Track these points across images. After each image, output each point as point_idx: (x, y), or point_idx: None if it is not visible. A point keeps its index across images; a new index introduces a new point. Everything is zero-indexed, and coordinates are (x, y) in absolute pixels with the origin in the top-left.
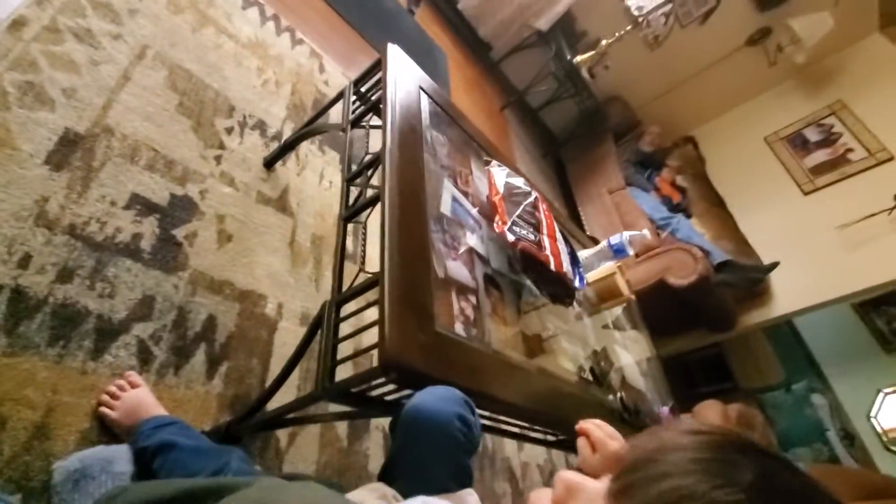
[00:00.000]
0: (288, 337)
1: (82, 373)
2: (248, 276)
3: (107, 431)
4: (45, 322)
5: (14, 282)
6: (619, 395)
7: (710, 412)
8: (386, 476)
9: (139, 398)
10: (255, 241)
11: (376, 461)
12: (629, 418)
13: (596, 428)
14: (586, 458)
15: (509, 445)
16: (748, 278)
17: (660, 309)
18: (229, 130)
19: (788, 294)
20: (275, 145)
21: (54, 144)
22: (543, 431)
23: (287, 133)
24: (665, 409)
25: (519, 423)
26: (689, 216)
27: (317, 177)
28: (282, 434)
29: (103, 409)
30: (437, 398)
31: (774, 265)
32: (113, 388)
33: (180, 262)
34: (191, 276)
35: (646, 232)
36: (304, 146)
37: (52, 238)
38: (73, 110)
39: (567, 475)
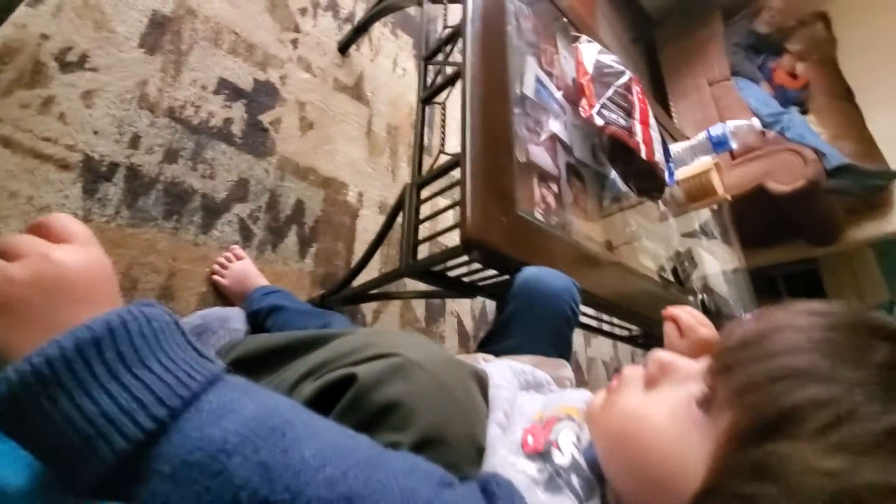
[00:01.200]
0: (368, 223)
1: (195, 244)
2: (330, 164)
3: (220, 297)
4: (159, 198)
5: (128, 161)
6: (700, 297)
7: None
8: (487, 343)
9: (245, 268)
10: (334, 129)
11: (451, 343)
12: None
13: (685, 313)
14: (673, 342)
15: (577, 340)
16: (867, 185)
17: (754, 218)
18: (303, 11)
19: None
20: (348, 28)
21: (145, 27)
22: (618, 325)
23: (360, 14)
24: (748, 316)
25: (594, 315)
26: (804, 112)
27: (390, 63)
28: (367, 311)
29: (216, 277)
30: (551, 273)
31: None
32: (222, 259)
33: (268, 147)
34: (278, 161)
35: (755, 121)
36: (377, 30)
37: (156, 120)
38: None
39: (661, 354)
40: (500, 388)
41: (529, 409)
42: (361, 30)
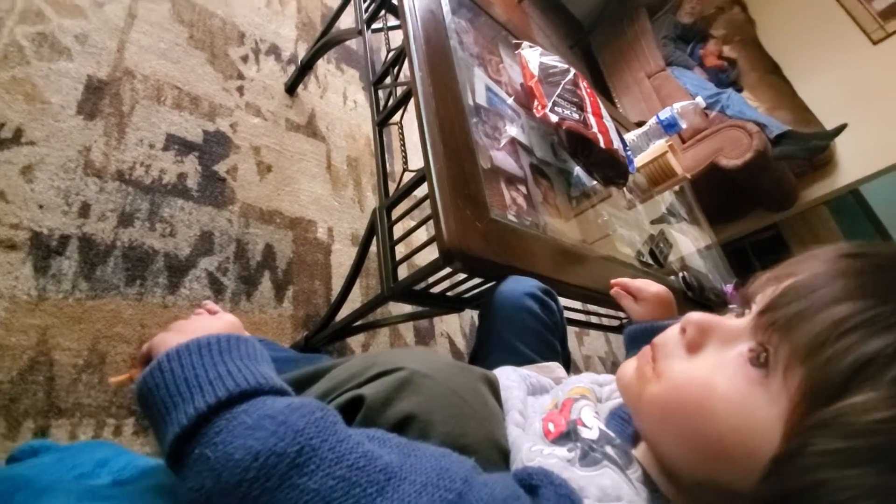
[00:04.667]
0: (343, 258)
1: (164, 307)
2: (295, 204)
3: None
4: (118, 265)
5: (80, 231)
6: (681, 274)
7: None
8: (474, 359)
9: None
10: (294, 168)
11: None
12: (694, 296)
13: (630, 280)
14: (632, 308)
15: (571, 340)
16: (810, 147)
17: (713, 195)
18: (244, 59)
19: (856, 160)
20: (292, 69)
21: (81, 94)
22: (606, 316)
23: (302, 53)
24: (729, 287)
25: (581, 309)
26: (739, 90)
27: (340, 98)
28: (356, 346)
29: None
30: (513, 282)
31: (841, 128)
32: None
33: (228, 196)
34: (241, 208)
35: (699, 100)
36: (322, 67)
37: (104, 185)
38: (90, 56)
39: (697, 316)
40: (510, 389)
41: (541, 404)
42: (306, 68)
